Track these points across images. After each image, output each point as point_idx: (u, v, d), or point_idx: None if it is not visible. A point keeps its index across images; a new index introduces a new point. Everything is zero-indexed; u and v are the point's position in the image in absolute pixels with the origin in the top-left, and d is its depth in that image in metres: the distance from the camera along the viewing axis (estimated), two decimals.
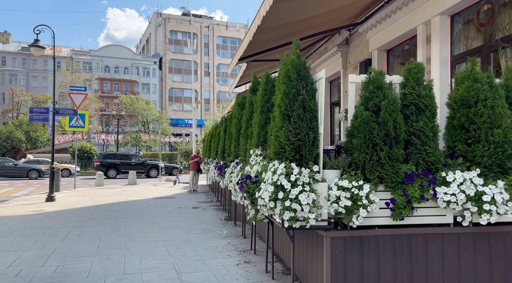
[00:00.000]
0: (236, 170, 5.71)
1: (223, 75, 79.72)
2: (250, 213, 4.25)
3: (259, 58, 9.03)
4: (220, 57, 78.98)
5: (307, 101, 3.68)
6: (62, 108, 13.12)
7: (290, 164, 3.51)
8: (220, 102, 73.14)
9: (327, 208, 3.42)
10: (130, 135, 47.70)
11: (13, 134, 32.71)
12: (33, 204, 11.16)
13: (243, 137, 5.87)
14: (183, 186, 17.90)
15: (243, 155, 5.91)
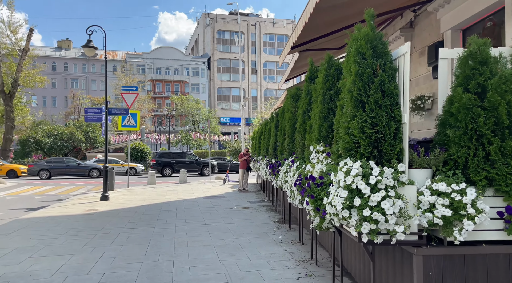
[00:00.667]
0: (292, 169, 5.06)
1: (270, 72, 79.24)
2: (314, 222, 3.58)
3: (313, 46, 8.29)
4: (267, 54, 78.55)
5: (386, 83, 2.94)
6: (114, 108, 13.28)
7: (367, 162, 2.80)
8: (267, 100, 72.78)
9: (417, 218, 2.67)
10: (181, 134, 48.75)
11: (74, 135, 34.56)
12: (88, 203, 11.30)
13: (299, 132, 5.20)
14: (233, 184, 17.59)
15: (299, 152, 5.24)
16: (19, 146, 34.34)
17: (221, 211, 9.37)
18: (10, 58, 29.60)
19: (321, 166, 3.61)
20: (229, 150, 37.18)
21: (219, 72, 75.82)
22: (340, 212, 2.73)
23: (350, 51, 3.21)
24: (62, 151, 35.19)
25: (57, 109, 63.09)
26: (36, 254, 5.36)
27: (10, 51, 29.34)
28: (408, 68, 2.89)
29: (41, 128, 35.35)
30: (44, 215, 9.09)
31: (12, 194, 15.34)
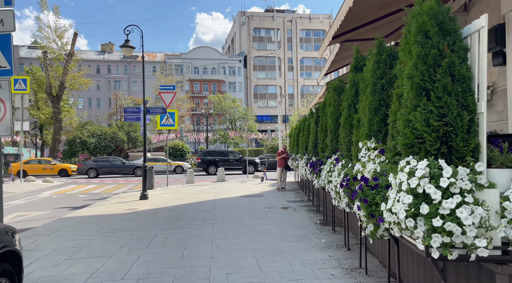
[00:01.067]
0: (337, 169, 4.61)
1: (307, 68, 78.08)
2: (367, 229, 3.12)
3: (355, 36, 7.72)
4: (303, 50, 77.44)
5: (456, 66, 2.44)
6: (152, 107, 13.37)
7: (435, 161, 2.32)
8: (304, 97, 71.74)
9: (502, 229, 2.16)
10: (218, 132, 49.15)
11: (117, 135, 35.74)
12: (128, 202, 11.39)
13: (344, 128, 4.73)
14: (271, 183, 17.24)
15: (344, 149, 4.78)
16: (67, 146, 36.02)
17: (259, 211, 9.04)
18: (57, 62, 31.04)
19: (374, 166, 3.15)
20: (266, 148, 36.90)
21: (255, 70, 75.74)
22: (403, 221, 2.28)
23: (409, 31, 2.73)
24: (106, 151, 36.50)
25: (102, 110, 65.76)
26: (74, 256, 5.29)
27: (56, 55, 30.76)
28: (485, 46, 2.38)
29: (86, 128, 36.90)
30: (85, 214, 9.20)
31: (59, 193, 15.92)
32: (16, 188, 17.21)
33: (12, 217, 9.83)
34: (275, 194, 12.72)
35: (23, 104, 19.16)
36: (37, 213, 10.41)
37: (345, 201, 4.09)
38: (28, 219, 9.46)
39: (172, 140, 35.67)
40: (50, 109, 33.16)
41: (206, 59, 74.26)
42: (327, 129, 6.45)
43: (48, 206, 11.87)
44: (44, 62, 29.45)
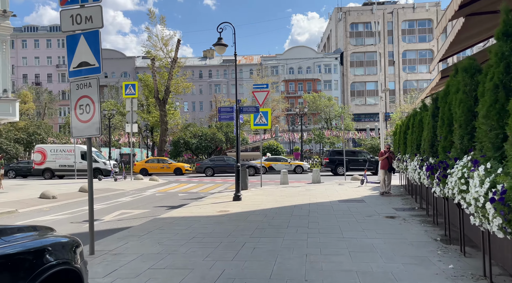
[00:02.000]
0: (477, 175, 3.33)
1: (410, 62, 71.92)
2: None
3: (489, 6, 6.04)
4: (406, 43, 71.50)
5: None
6: (245, 106, 13.07)
7: None
8: (407, 92, 66.05)
9: None
10: (313, 132, 47.93)
11: (216, 135, 37.17)
12: (221, 204, 11.16)
13: (487, 118, 3.43)
14: (372, 186, 15.62)
15: (489, 148, 3.46)
16: (172, 146, 38.70)
17: (362, 220, 7.85)
18: (163, 68, 33.47)
19: None
20: (365, 148, 34.53)
21: (352, 66, 72.45)
22: None
23: None
24: (206, 151, 38.25)
25: (204, 112, 69.73)
26: (157, 265, 4.92)
27: (163, 62, 33.19)
28: None
29: (189, 130, 39.17)
30: (179, 215, 9.13)
31: (161, 191, 16.72)
32: (126, 185, 18.66)
33: (116, 215, 10.30)
34: (378, 200, 11.27)
35: (133, 108, 20.77)
36: (138, 211, 10.79)
37: (498, 223, 2.84)
38: (129, 217, 9.78)
39: (267, 140, 35.71)
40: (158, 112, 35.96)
41: (301, 59, 73.52)
42: (452, 122, 5.06)
43: (149, 205, 12.33)
44: (152, 68, 32.00)
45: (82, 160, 24.53)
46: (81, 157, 24.77)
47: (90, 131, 5.43)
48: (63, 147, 25.79)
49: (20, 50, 73.67)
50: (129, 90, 20.45)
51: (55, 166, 24.80)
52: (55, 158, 24.83)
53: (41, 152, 25.10)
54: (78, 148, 25.26)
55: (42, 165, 24.84)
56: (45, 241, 2.59)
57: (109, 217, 9.91)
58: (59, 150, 25.09)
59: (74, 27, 5.40)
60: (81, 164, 24.08)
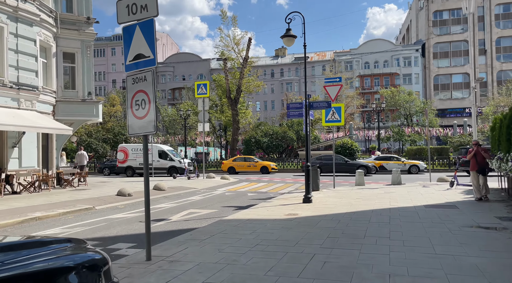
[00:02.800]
0: None
1: (506, 50, 63.85)
2: None
3: None
4: (500, 29, 63.58)
5: None
6: (316, 101, 12.19)
7: None
8: (502, 84, 58.63)
9: None
10: (391, 129, 44.83)
11: (286, 134, 36.54)
12: (290, 206, 10.45)
13: None
14: (464, 189, 13.62)
15: None
16: (244, 145, 38.98)
17: (457, 232, 6.55)
18: (235, 67, 33.77)
19: None
20: (453, 145, 31.12)
21: (435, 58, 66.55)
22: None
23: None
24: (277, 149, 37.82)
25: (275, 111, 69.60)
26: (213, 278, 4.39)
27: (234, 62, 33.50)
28: None
29: (260, 129, 39.10)
30: (245, 217, 8.62)
31: (231, 190, 16.54)
32: (198, 184, 18.89)
33: (184, 214, 10.16)
34: (474, 206, 9.61)
35: (204, 107, 21.01)
36: (206, 211, 10.56)
37: None
38: (195, 218, 9.55)
39: (341, 138, 34.10)
40: (230, 111, 36.43)
41: (378, 53, 69.60)
42: None
43: (218, 204, 12.10)
44: (224, 68, 32.45)
45: (159, 159, 25.53)
46: (159, 155, 25.81)
47: (147, 128, 5.10)
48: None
49: (110, 57, 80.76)
50: (201, 90, 20.71)
51: (135, 164, 26.09)
52: (135, 157, 26.14)
53: (123, 151, 26.60)
54: (156, 147, 26.26)
55: (124, 163, 26.33)
56: (62, 260, 2.13)
57: (176, 216, 9.80)
58: (139, 149, 26.40)
59: (130, 17, 5.12)
60: (158, 162, 25.06)
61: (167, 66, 76.94)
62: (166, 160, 24.95)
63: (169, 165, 24.64)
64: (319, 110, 14.18)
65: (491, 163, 12.39)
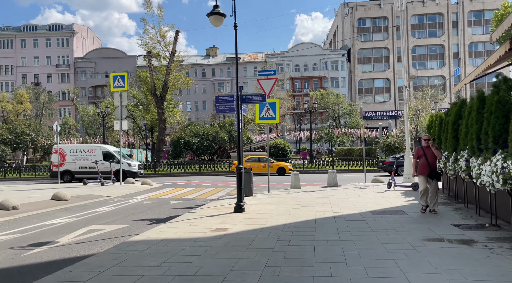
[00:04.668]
0: None
1: (420, 58, 69.02)
2: None
3: None
4: (415, 38, 68.55)
5: None
6: (248, 94, 10.59)
7: None
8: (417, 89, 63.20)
9: None
10: (322, 130, 45.33)
11: (218, 134, 34.67)
12: (219, 217, 8.65)
13: None
14: (402, 190, 13.01)
15: None
16: (172, 146, 36.27)
17: (423, 249, 5.28)
18: (161, 62, 31.06)
19: None
20: (380, 146, 31.86)
21: (360, 63, 69.72)
22: None
23: None
24: (208, 151, 35.78)
25: (207, 112, 67.32)
26: None
27: (160, 56, 30.78)
28: None
29: (189, 129, 36.72)
30: (159, 237, 6.63)
31: (151, 198, 14.27)
32: (112, 191, 16.23)
33: (80, 233, 7.83)
34: (422, 212, 8.68)
35: (122, 102, 18.35)
36: (111, 228, 8.33)
37: None
38: (94, 238, 7.31)
39: (274, 139, 33.18)
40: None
41: (307, 56, 70.98)
42: None
43: (131, 217, 9.87)
44: (148, 62, 29.61)
45: (104, 161, 22.36)
46: (103, 157, 22.66)
47: None
48: (84, 147, 23.70)
49: (19, 50, 71.79)
50: (118, 83, 18.05)
51: (75, 168, 22.82)
52: (75, 159, 22.82)
53: (59, 152, 23.06)
54: (100, 148, 23.33)
55: (61, 167, 22.67)
56: None
57: (68, 237, 7.45)
58: (79, 151, 23.08)
59: None
60: (103, 165, 21.88)
61: (87, 61, 70.47)
62: (112, 162, 22.00)
63: (115, 168, 21.57)
64: (252, 104, 12.62)
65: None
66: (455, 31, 68.70)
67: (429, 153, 8.27)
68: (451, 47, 68.79)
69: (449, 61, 68.49)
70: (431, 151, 8.27)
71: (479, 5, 67.99)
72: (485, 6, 67.63)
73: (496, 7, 65.79)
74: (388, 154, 30.92)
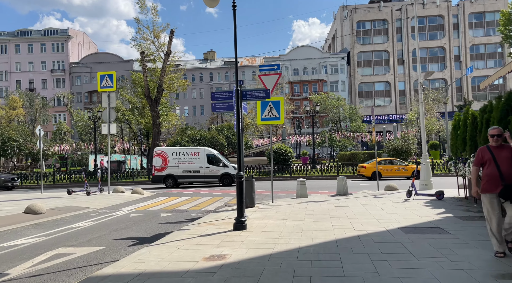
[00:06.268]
0: None
1: (421, 61, 67.78)
2: None
3: None
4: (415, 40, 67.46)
5: None
6: (249, 89, 9.10)
7: None
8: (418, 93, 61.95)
9: None
10: (323, 134, 43.80)
11: (216, 139, 33.09)
12: (215, 236, 7.06)
13: None
14: (424, 200, 11.41)
15: None
16: None
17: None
18: (155, 63, 29.55)
19: None
20: (386, 150, 30.32)
21: (359, 66, 68.44)
22: None
23: None
24: None
25: (205, 117, 65.82)
26: None
27: (154, 56, 29.28)
28: None
29: (186, 133, 35.11)
30: (136, 269, 5.04)
31: (140, 209, 12.65)
32: (98, 201, 14.59)
33: (40, 261, 6.22)
34: (464, 227, 7.10)
35: (110, 103, 16.79)
36: (82, 252, 6.73)
37: None
38: (55, 269, 5.71)
39: (274, 143, 31.63)
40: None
41: (306, 59, 69.76)
42: None
43: (111, 235, 8.26)
44: (142, 63, 28.09)
45: (209, 165, 21.33)
46: (208, 161, 21.56)
47: None
48: (187, 150, 22.44)
49: (13, 55, 70.27)
50: (106, 82, 16.51)
51: (178, 172, 21.57)
52: (177, 163, 21.57)
53: (161, 155, 21.85)
54: (204, 151, 22.18)
55: (163, 171, 21.64)
56: None
57: (23, 267, 5.84)
58: (182, 153, 21.85)
59: None
60: (208, 169, 21.12)
61: (83, 66, 68.99)
62: (218, 166, 21.16)
63: (221, 172, 20.79)
64: (253, 101, 11.08)
65: (459, 169, 10.30)
66: (456, 34, 67.56)
67: (503, 156, 4.95)
68: (452, 50, 67.60)
69: (451, 64, 67.25)
70: (506, 153, 4.97)
71: (480, 7, 66.96)
72: (486, 8, 66.63)
73: (497, 8, 64.84)
74: (395, 156, 29.35)
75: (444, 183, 17.17)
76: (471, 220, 7.76)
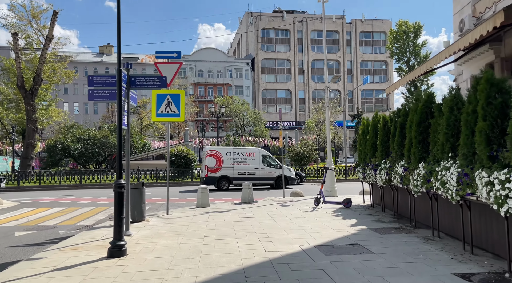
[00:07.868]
0: None
1: (319, 72, 72.06)
2: None
3: None
4: (315, 52, 71.46)
5: None
6: (139, 75, 7.16)
7: None
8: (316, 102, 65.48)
9: None
10: (228, 138, 42.84)
11: (108, 139, 29.39)
12: (77, 270, 4.99)
13: None
14: (332, 208, 10.78)
15: None
16: (47, 153, 29.61)
17: None
18: (32, 47, 24.92)
19: None
20: (289, 155, 30.48)
21: (263, 73, 69.78)
22: None
23: None
24: (95, 158, 30.14)
25: (99, 116, 59.72)
26: None
27: (32, 40, 24.69)
28: None
29: (71, 132, 30.55)
30: None
31: None
32: None
33: None
34: (385, 244, 6.29)
35: None
36: None
37: None
38: None
39: (175, 146, 29.36)
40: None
41: (211, 62, 68.54)
42: None
43: None
44: (14, 47, 23.34)
45: (264, 166, 19.75)
46: (263, 162, 19.93)
47: None
48: (241, 150, 20.37)
49: None
50: None
51: (233, 173, 19.51)
52: (232, 163, 19.56)
53: (214, 155, 19.41)
54: (258, 151, 20.45)
55: (217, 172, 19.35)
56: None
57: None
58: (237, 153, 19.96)
59: None
60: (263, 170, 19.64)
61: None
62: (274, 167, 19.74)
63: (277, 174, 19.39)
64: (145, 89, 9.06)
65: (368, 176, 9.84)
66: (349, 49, 73.41)
67: None
68: (345, 64, 73.20)
69: (344, 76, 72.68)
70: None
71: (368, 27, 73.95)
72: (374, 28, 73.87)
73: (382, 29, 72.46)
74: (297, 163, 29.64)
75: (345, 189, 17.26)
76: (388, 234, 7.07)
